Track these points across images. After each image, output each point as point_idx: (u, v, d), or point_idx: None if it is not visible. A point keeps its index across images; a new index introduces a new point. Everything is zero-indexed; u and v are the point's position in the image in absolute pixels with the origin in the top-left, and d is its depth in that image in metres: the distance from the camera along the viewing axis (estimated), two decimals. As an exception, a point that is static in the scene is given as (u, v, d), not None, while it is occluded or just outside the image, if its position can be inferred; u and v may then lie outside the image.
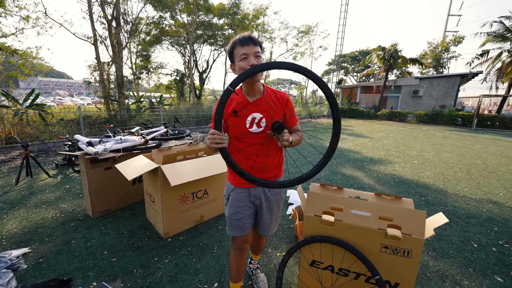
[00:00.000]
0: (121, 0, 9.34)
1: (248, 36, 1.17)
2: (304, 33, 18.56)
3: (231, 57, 1.24)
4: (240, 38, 1.17)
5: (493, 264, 2.00)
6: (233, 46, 1.20)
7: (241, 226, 1.36)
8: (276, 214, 1.46)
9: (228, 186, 1.41)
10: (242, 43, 1.16)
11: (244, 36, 1.17)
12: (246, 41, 1.15)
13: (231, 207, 1.36)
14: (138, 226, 2.45)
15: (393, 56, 16.45)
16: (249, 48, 1.15)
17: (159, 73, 15.69)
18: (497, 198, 3.42)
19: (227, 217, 1.39)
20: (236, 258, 1.46)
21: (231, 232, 1.39)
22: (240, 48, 1.16)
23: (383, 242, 1.20)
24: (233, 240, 1.44)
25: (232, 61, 1.25)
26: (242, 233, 1.37)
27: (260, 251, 1.77)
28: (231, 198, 1.37)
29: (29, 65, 8.66)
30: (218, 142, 1.02)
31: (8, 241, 2.15)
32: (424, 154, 6.13)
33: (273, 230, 1.49)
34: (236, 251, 1.45)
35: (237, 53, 1.18)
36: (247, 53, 1.15)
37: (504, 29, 13.07)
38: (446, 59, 25.54)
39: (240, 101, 1.25)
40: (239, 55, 1.17)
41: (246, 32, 1.21)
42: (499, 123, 13.10)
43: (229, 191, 1.38)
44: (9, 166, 4.42)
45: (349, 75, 38.14)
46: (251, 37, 1.17)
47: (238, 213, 1.34)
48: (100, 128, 7.49)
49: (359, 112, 18.62)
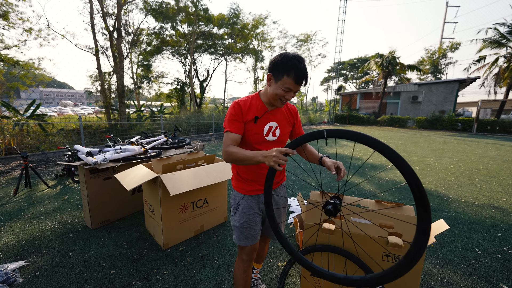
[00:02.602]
0: (123, 11, 9.54)
1: (306, 78, 1.14)
2: (303, 42, 18.86)
3: (276, 72, 1.15)
4: (299, 74, 1.11)
5: (498, 271, 1.96)
6: (286, 72, 1.12)
7: (252, 234, 1.34)
8: (283, 217, 1.51)
9: (235, 195, 1.38)
10: (296, 81, 1.12)
11: (303, 74, 1.12)
12: (301, 81, 1.13)
13: (242, 216, 1.33)
14: (137, 236, 2.42)
15: (391, 62, 16.66)
16: (297, 87, 1.14)
17: (160, 82, 15.86)
18: (500, 203, 3.38)
19: (236, 227, 1.34)
20: (245, 271, 1.39)
21: (242, 242, 1.34)
22: (291, 82, 1.12)
23: (384, 250, 1.18)
24: (241, 250, 1.38)
25: (273, 74, 1.17)
26: (254, 241, 1.35)
27: (263, 258, 1.76)
28: (241, 206, 1.34)
29: (30, 76, 8.77)
30: (281, 164, 0.98)
31: (5, 254, 2.12)
32: (425, 160, 6.11)
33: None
34: (245, 263, 1.38)
35: (285, 81, 1.13)
36: (293, 89, 1.15)
37: (499, 35, 13.28)
38: (443, 65, 25.81)
39: (259, 108, 1.26)
40: (285, 85, 1.14)
41: (304, 65, 1.13)
42: (499, 127, 13.12)
43: (238, 200, 1.36)
44: (8, 177, 4.41)
45: (349, 82, 38.49)
46: (307, 80, 1.15)
47: (249, 221, 1.33)
48: (100, 138, 7.51)
49: (359, 118, 18.70)
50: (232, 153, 1.14)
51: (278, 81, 1.16)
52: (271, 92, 1.20)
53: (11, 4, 7.74)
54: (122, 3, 8.81)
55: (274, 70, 1.17)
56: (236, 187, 1.39)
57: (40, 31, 8.60)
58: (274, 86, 1.18)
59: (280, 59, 1.13)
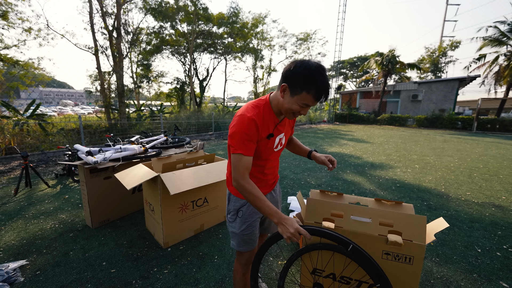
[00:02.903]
0: (122, 11, 9.52)
1: (327, 93, 1.02)
2: (302, 41, 18.80)
3: (294, 85, 1.02)
4: (321, 91, 1.00)
5: (498, 269, 1.97)
6: (306, 88, 0.99)
7: (253, 238, 1.32)
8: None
9: (235, 201, 1.29)
10: (317, 98, 1.01)
11: (325, 91, 1.00)
12: (320, 99, 1.02)
13: (244, 222, 1.28)
14: (137, 236, 2.42)
15: (391, 61, 16.63)
16: (316, 103, 1.05)
17: (160, 82, 15.84)
18: (500, 201, 3.39)
19: (236, 233, 1.30)
20: (243, 274, 1.40)
21: (242, 248, 1.32)
22: (310, 99, 1.01)
23: (384, 249, 1.18)
24: (240, 255, 1.37)
25: (290, 86, 1.03)
26: (253, 246, 1.34)
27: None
28: (243, 213, 1.28)
29: (30, 76, 8.76)
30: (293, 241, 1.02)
31: (6, 253, 2.12)
32: (425, 158, 6.12)
33: None
34: (243, 267, 1.38)
35: (303, 97, 1.02)
36: (310, 105, 1.05)
37: (499, 33, 13.26)
38: (444, 63, 25.79)
39: (271, 121, 1.16)
40: (303, 101, 1.03)
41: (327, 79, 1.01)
42: (499, 126, 13.12)
43: (239, 207, 1.29)
44: (8, 176, 4.41)
45: (348, 81, 38.45)
46: (328, 95, 1.03)
47: (251, 227, 1.29)
48: (100, 137, 7.51)
49: (359, 117, 18.69)
50: (250, 193, 1.05)
51: (295, 95, 1.03)
52: (285, 106, 1.07)
53: (11, 4, 7.72)
54: (121, 2, 8.79)
55: (291, 81, 1.02)
56: (235, 193, 1.29)
57: (40, 30, 8.58)
58: (289, 100, 1.05)
59: (301, 70, 0.98)
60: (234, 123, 1.09)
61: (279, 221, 1.03)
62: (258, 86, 18.25)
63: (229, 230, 1.35)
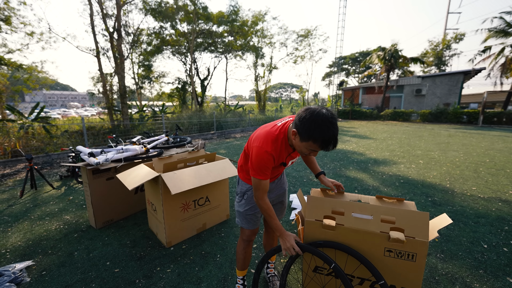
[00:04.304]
0: (122, 12, 9.55)
1: (335, 143, 1.09)
2: (303, 37, 18.65)
3: (303, 133, 1.09)
4: (327, 143, 1.07)
5: (505, 265, 1.93)
6: (312, 139, 1.07)
7: (254, 220, 1.51)
8: (286, 200, 1.68)
9: (243, 185, 1.50)
10: (323, 147, 1.09)
11: (332, 142, 1.07)
12: (327, 148, 1.09)
13: (248, 203, 1.48)
14: (140, 235, 2.44)
15: (393, 56, 16.43)
16: (323, 149, 1.13)
17: (161, 82, 15.88)
18: (507, 196, 3.33)
19: (241, 212, 1.51)
20: (244, 248, 1.58)
21: (244, 225, 1.52)
22: (316, 147, 1.10)
23: (386, 246, 1.17)
24: (243, 231, 1.55)
25: (299, 133, 1.11)
26: (254, 226, 1.53)
27: None
28: (249, 195, 1.47)
29: (34, 79, 8.85)
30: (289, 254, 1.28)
31: (12, 254, 2.16)
32: (429, 154, 6.04)
33: (284, 213, 1.70)
34: (245, 242, 1.57)
35: (310, 145, 1.11)
36: (318, 151, 1.15)
37: (505, 24, 12.98)
38: (448, 56, 25.39)
39: (287, 152, 1.31)
40: (310, 148, 1.12)
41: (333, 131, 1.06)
42: (505, 119, 12.89)
43: (245, 190, 1.49)
44: (14, 179, 4.47)
45: (351, 77, 38.12)
46: (336, 144, 1.10)
47: (253, 208, 1.47)
48: (104, 139, 7.57)
49: (362, 113, 18.53)
50: (266, 211, 1.29)
51: (303, 142, 1.12)
52: (296, 147, 1.20)
53: (13, 9, 7.79)
54: (121, 4, 8.81)
55: (300, 129, 1.10)
56: (244, 179, 1.49)
57: (42, 34, 8.66)
58: (299, 144, 1.15)
59: (309, 120, 1.06)
60: (255, 154, 1.23)
61: (280, 235, 1.28)
62: (259, 84, 18.19)
63: (235, 209, 1.57)
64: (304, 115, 1.09)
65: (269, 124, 1.34)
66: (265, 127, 1.31)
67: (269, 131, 1.25)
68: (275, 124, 1.30)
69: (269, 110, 18.20)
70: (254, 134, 1.33)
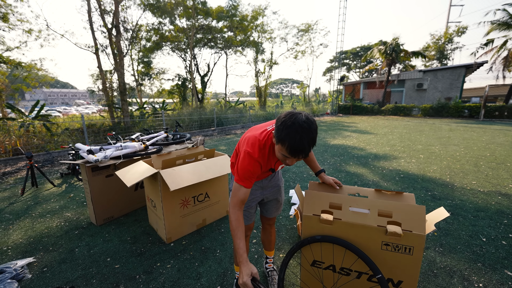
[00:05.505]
0: (120, 8, 9.47)
1: (303, 151, 1.00)
2: (304, 32, 18.48)
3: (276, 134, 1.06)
4: (292, 148, 0.99)
5: (503, 258, 1.94)
6: (280, 141, 1.02)
7: (247, 215, 1.51)
8: (282, 197, 1.64)
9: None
10: (291, 153, 1.01)
11: (299, 149, 0.99)
12: (296, 155, 1.01)
13: None
14: (141, 232, 2.45)
15: (395, 50, 16.27)
16: (292, 160, 1.08)
17: (161, 79, 15.83)
18: (507, 189, 3.32)
19: None
20: None
21: None
22: (285, 151, 1.03)
23: (383, 239, 1.17)
24: None
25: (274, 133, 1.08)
26: (249, 222, 1.53)
27: (273, 244, 1.79)
28: None
29: (33, 77, 8.83)
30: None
31: (14, 251, 2.18)
32: (430, 148, 6.02)
33: (280, 210, 1.68)
34: None
35: (280, 148, 1.05)
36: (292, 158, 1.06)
37: (508, 16, 12.78)
38: (450, 50, 25.11)
39: (275, 158, 1.28)
40: (281, 151, 1.05)
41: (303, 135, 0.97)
42: (507, 113, 12.80)
43: None
44: (15, 177, 4.50)
45: (352, 71, 37.82)
46: (306, 153, 1.01)
47: (249, 201, 1.49)
48: (104, 136, 7.58)
49: (362, 108, 18.45)
50: (232, 221, 1.13)
51: (277, 145, 1.07)
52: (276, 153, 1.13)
53: (10, 6, 7.73)
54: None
55: (275, 131, 1.06)
56: None
57: (40, 31, 8.61)
58: (275, 147, 1.10)
59: (282, 122, 1.01)
60: (242, 159, 1.19)
61: (240, 265, 1.04)
62: (260, 80, 18.10)
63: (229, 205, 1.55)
64: (282, 117, 1.04)
65: (260, 127, 1.30)
66: (257, 130, 1.27)
67: (257, 138, 1.21)
68: (265, 128, 1.25)
69: (270, 106, 18.13)
70: (246, 134, 1.30)
